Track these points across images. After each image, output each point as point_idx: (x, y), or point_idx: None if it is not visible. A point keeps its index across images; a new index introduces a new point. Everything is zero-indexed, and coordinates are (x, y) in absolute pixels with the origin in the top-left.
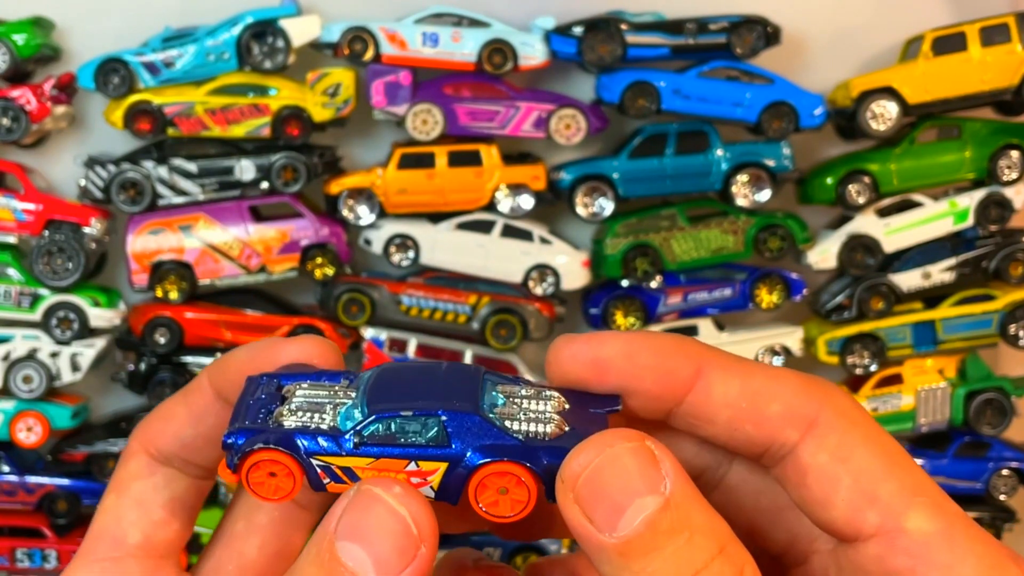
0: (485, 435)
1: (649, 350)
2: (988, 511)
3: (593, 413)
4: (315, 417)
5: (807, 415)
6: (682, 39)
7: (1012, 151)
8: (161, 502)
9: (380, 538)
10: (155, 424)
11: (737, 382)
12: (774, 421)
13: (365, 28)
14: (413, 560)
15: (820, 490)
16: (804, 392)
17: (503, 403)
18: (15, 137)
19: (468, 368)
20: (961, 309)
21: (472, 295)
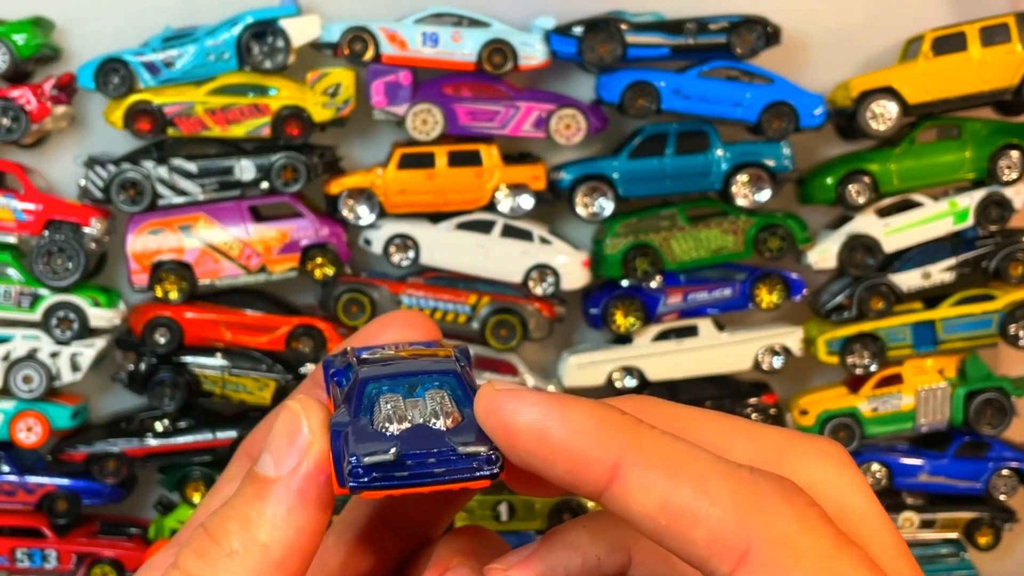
0: None
1: (562, 429)
2: (988, 511)
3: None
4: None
5: (737, 547)
6: (682, 39)
7: (1012, 151)
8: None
9: (278, 438)
10: None
11: (657, 492)
12: (698, 547)
13: (365, 28)
14: (306, 453)
15: None
16: (736, 515)
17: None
18: (15, 137)
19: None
20: (961, 309)
21: (472, 295)
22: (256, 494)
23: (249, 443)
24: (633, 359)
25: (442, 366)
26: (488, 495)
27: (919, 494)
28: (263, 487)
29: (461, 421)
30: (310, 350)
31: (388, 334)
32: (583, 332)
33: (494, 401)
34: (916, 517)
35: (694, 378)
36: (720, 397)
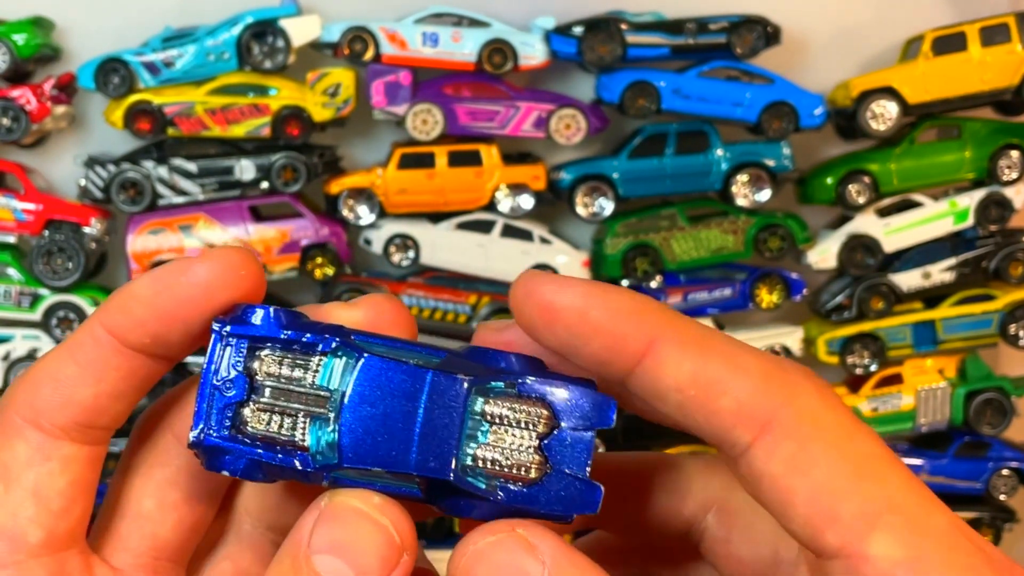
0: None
1: (603, 308)
2: (988, 511)
3: (576, 439)
4: (284, 425)
5: (761, 416)
6: (682, 39)
7: (1012, 151)
8: (60, 488)
9: (362, 549)
10: (42, 391)
11: (689, 364)
12: (723, 417)
13: (365, 28)
14: (396, 567)
15: (775, 501)
16: (763, 387)
17: (485, 437)
18: (15, 137)
19: (453, 389)
20: (961, 309)
21: (472, 295)
22: None
23: (30, 408)
24: None
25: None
26: None
27: None
28: None
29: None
30: None
31: (348, 317)
32: None
33: (535, 282)
34: None
35: None
36: None
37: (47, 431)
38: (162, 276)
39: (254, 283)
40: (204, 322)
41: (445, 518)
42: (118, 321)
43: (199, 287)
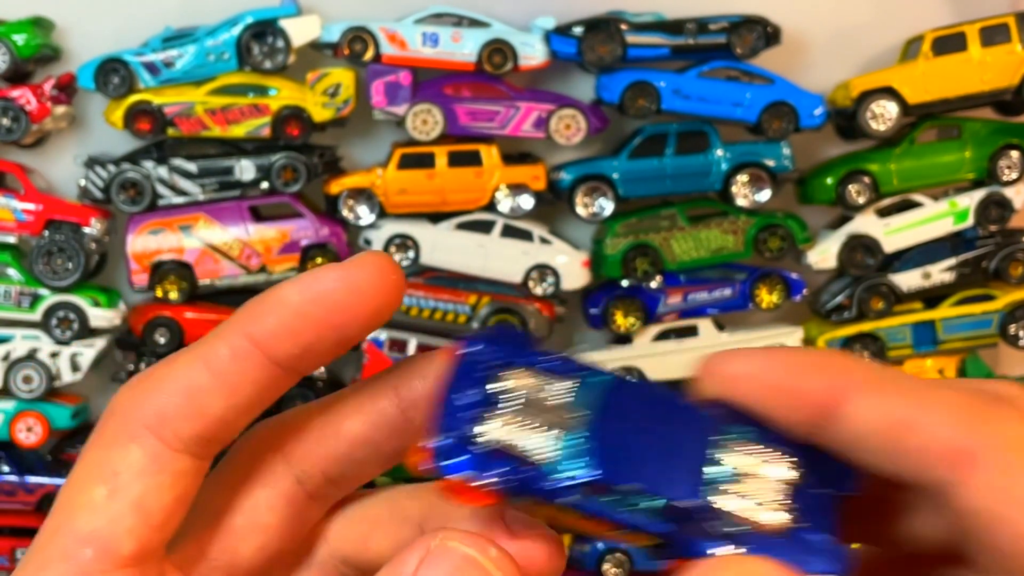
0: None
1: (782, 367)
2: None
3: (821, 498)
4: (528, 439)
5: (965, 450)
6: (682, 39)
7: (1012, 151)
8: (165, 503)
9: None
10: (172, 399)
11: (881, 408)
12: (919, 456)
13: (365, 28)
14: None
15: (990, 538)
16: (960, 420)
17: (729, 481)
18: (15, 137)
19: (699, 418)
20: (961, 309)
21: (472, 295)
22: None
23: (155, 416)
24: (633, 359)
25: None
26: None
27: None
28: None
29: None
30: None
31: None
32: (583, 332)
33: (716, 359)
34: None
35: None
36: None
37: (168, 442)
38: (311, 282)
39: (400, 289)
40: (358, 330)
41: None
42: (266, 330)
43: (354, 292)
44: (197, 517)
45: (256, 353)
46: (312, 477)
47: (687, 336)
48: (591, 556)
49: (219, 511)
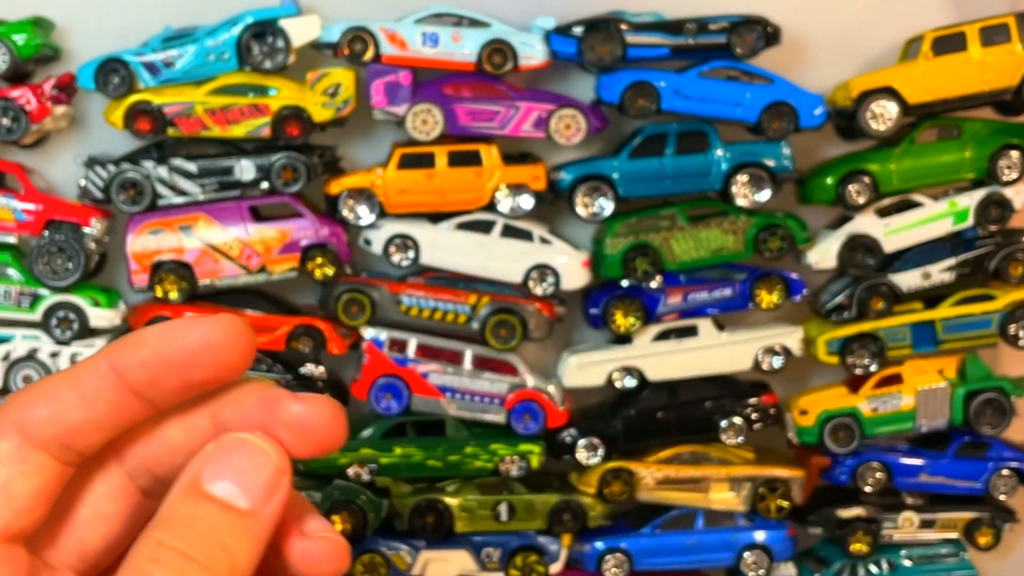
0: None
1: None
2: (988, 511)
3: None
4: None
5: None
6: (682, 39)
7: (1012, 151)
8: (27, 490)
9: (249, 472)
10: (37, 404)
11: None
12: None
13: (365, 28)
14: (278, 489)
15: None
16: None
17: None
18: (15, 137)
19: None
20: (961, 309)
21: (472, 295)
22: (231, 523)
23: (22, 417)
24: (633, 359)
25: None
26: (488, 495)
27: (919, 494)
28: (238, 518)
29: None
30: (310, 350)
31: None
32: (583, 332)
33: None
34: (916, 517)
35: (694, 378)
36: (720, 397)
37: (30, 439)
38: (171, 327)
39: (250, 350)
40: (203, 377)
41: (444, 518)
42: (124, 359)
43: (207, 346)
44: (55, 512)
45: (114, 379)
46: (142, 474)
47: (687, 336)
48: (591, 556)
49: (69, 505)
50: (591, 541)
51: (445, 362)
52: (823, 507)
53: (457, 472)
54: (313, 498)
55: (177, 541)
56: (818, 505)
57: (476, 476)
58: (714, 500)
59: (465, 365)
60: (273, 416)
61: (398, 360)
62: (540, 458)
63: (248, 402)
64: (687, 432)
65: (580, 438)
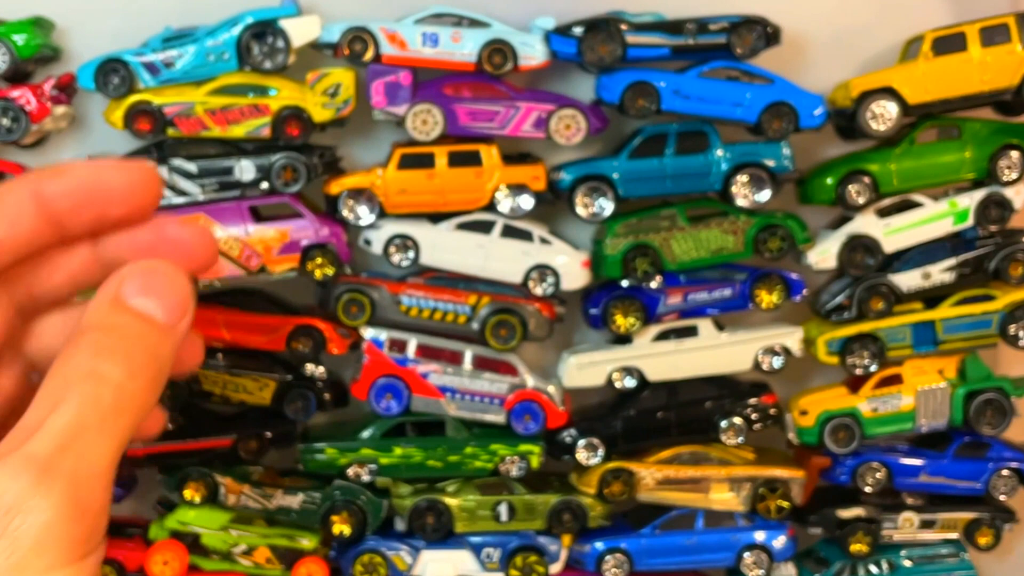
0: None
1: None
2: (988, 511)
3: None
4: None
5: None
6: (682, 39)
7: (1012, 151)
8: None
9: (168, 292)
10: None
11: None
12: None
13: (365, 28)
14: (188, 309)
15: None
16: None
17: None
18: (15, 137)
19: None
20: (961, 309)
21: (472, 295)
22: (150, 334)
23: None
24: (633, 359)
25: None
26: (488, 495)
27: (919, 494)
28: (156, 330)
29: None
30: (310, 350)
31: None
32: (583, 332)
33: None
34: (916, 517)
35: (694, 378)
36: (720, 397)
37: None
38: (97, 164)
39: (158, 199)
40: (118, 212)
41: (444, 519)
42: (50, 187)
43: (125, 182)
44: None
45: (34, 205)
46: (20, 291)
47: (687, 336)
48: (591, 556)
49: None
50: (591, 541)
51: (445, 362)
52: (823, 507)
53: (457, 472)
54: (313, 498)
55: (106, 343)
56: (818, 505)
57: (476, 476)
58: (714, 500)
59: (465, 365)
60: (160, 235)
61: (398, 360)
62: (540, 458)
63: (136, 230)
64: (687, 432)
65: (580, 438)
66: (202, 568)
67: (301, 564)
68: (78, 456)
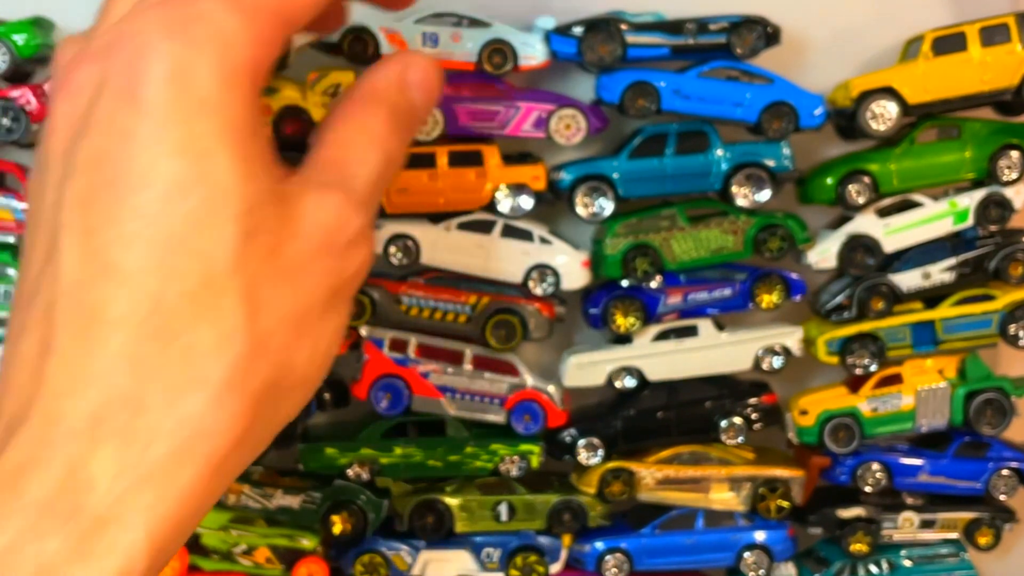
0: None
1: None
2: (988, 511)
3: None
4: None
5: None
6: (682, 39)
7: (1012, 151)
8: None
9: (433, 99)
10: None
11: None
12: None
13: (365, 28)
14: (433, 107)
15: None
16: None
17: None
18: (15, 137)
19: None
20: (961, 309)
21: (472, 295)
22: (414, 127)
23: None
24: (633, 359)
25: None
26: (488, 495)
27: (919, 494)
28: (417, 126)
29: None
30: None
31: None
32: (583, 332)
33: None
34: (916, 517)
35: (694, 378)
36: (720, 397)
37: None
38: None
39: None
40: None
41: (444, 518)
42: None
43: None
44: None
45: None
46: None
47: (687, 336)
48: (591, 556)
49: None
50: (591, 541)
51: (445, 362)
52: (823, 507)
53: (457, 472)
54: (313, 498)
55: (396, 123)
56: (818, 505)
57: (476, 476)
58: (714, 500)
59: (465, 365)
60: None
61: (398, 360)
62: (540, 458)
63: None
64: (687, 432)
65: (580, 438)
66: (202, 568)
67: (301, 564)
68: (373, 210)
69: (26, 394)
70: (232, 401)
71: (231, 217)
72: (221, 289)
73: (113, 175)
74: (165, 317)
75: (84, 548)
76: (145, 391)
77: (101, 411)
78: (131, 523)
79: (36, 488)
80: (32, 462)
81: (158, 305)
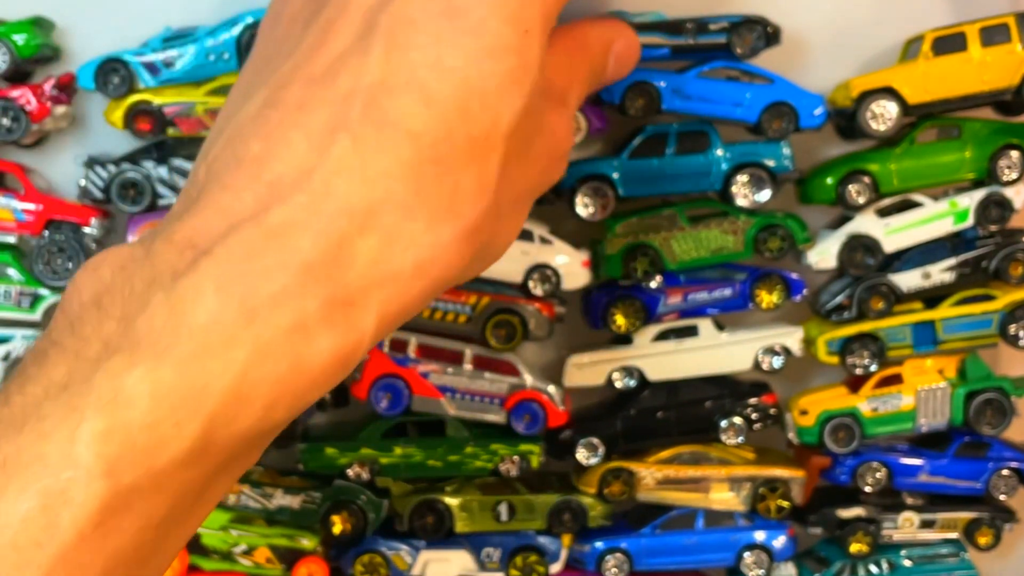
0: None
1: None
2: (988, 511)
3: None
4: None
5: None
6: (682, 39)
7: (1012, 151)
8: None
9: (633, 55)
10: None
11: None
12: None
13: None
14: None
15: None
16: None
17: None
18: (15, 137)
19: None
20: (961, 309)
21: (472, 295)
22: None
23: None
24: (633, 359)
25: None
26: (488, 495)
27: (919, 494)
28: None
29: None
30: None
31: None
32: (583, 332)
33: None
34: (916, 517)
35: (694, 378)
36: (720, 397)
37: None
38: None
39: None
40: None
41: (444, 518)
42: None
43: None
44: None
45: None
46: None
47: (687, 336)
48: (591, 556)
49: None
50: (591, 541)
51: (445, 362)
52: (823, 507)
53: (457, 472)
54: (313, 498)
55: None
56: (818, 505)
57: (476, 476)
58: (714, 500)
59: (465, 365)
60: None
61: (398, 360)
62: (540, 458)
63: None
64: (687, 432)
65: (580, 438)
66: (202, 568)
67: (301, 564)
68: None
69: (302, 160)
70: (465, 244)
71: (525, 93)
72: (493, 147)
73: (448, 7)
74: (449, 149)
75: (332, 318)
76: (417, 204)
77: (376, 206)
78: (368, 310)
79: (304, 249)
80: (301, 225)
81: (448, 137)
